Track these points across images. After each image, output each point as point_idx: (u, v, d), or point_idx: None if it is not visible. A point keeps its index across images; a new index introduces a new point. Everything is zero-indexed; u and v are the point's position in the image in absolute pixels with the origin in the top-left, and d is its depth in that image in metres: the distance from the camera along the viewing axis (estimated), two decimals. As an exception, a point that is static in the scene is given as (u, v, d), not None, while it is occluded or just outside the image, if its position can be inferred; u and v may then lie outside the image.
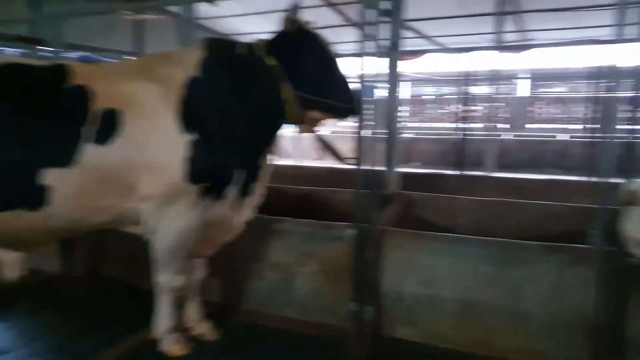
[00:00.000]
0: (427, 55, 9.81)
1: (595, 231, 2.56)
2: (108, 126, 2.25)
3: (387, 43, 3.75)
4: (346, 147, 3.38)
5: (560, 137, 12.08)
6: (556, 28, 8.46)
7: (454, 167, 7.75)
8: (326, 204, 4.02)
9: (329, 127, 12.53)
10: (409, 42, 7.71)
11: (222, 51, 2.60)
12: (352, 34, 2.93)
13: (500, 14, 7.12)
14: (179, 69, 2.47)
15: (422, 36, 7.11)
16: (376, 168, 3.02)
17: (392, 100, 3.92)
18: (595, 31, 7.26)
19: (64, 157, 2.17)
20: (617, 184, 2.48)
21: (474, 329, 2.78)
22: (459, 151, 8.25)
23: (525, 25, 8.82)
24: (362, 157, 2.86)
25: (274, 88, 2.58)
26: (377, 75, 2.90)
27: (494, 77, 8.61)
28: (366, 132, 2.89)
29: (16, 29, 4.68)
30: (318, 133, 2.88)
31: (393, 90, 3.91)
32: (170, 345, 2.69)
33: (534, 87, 21.27)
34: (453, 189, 4.64)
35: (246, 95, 2.55)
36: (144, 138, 2.30)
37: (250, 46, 2.64)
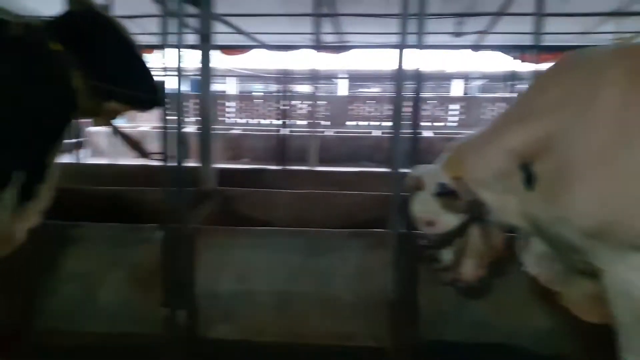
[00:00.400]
0: (253, 52, 9.90)
1: (392, 217, 2.82)
2: None
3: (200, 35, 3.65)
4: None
5: (375, 133, 13.23)
6: (368, 32, 9.25)
7: (278, 163, 7.95)
8: (136, 204, 3.74)
9: (149, 123, 11.82)
10: (234, 38, 7.70)
11: None
12: (169, 24, 2.76)
13: (317, 15, 7.48)
14: None
15: (240, 32, 7.11)
16: (190, 164, 2.90)
17: (206, 94, 3.81)
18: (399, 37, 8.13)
19: None
20: (407, 174, 2.74)
21: (289, 319, 2.84)
22: (283, 147, 8.49)
23: (341, 28, 9.44)
24: (171, 152, 2.71)
25: (60, 76, 2.26)
26: (182, 68, 2.77)
27: (315, 76, 9.05)
28: (175, 127, 2.75)
29: None
30: (122, 127, 2.65)
31: (206, 84, 3.81)
32: None
33: (351, 87, 23.05)
34: (274, 183, 4.71)
35: (22, 83, 2.19)
36: None
37: (27, 27, 2.28)
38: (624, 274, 1.75)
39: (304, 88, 16.60)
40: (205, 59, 3.82)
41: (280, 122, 10.62)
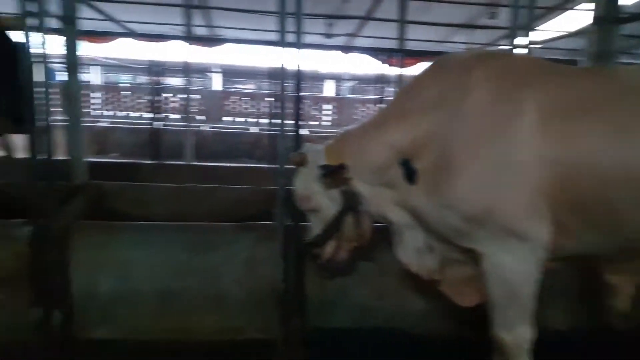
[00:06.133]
0: (121, 41, 9.26)
1: (277, 210, 2.87)
2: None
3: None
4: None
5: (253, 129, 13.22)
6: (241, 28, 9.21)
7: (152, 158, 7.58)
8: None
9: None
10: (96, 24, 7.17)
11: None
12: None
13: (187, 7, 7.28)
14: None
15: (109, 18, 6.66)
16: (60, 158, 2.67)
17: (74, 82, 3.51)
18: (273, 35, 8.28)
19: None
20: (291, 169, 2.78)
21: (174, 317, 2.75)
22: (156, 141, 8.10)
23: (213, 21, 9.27)
24: (37, 146, 2.47)
25: None
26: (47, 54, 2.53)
27: (187, 69, 8.78)
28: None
29: None
30: None
31: (73, 70, 3.51)
32: None
33: (225, 82, 22.68)
34: (149, 178, 4.49)
35: None
36: None
37: None
38: (499, 257, 1.97)
39: (176, 81, 15.96)
40: (71, 45, 3.52)
41: (150, 115, 10.10)
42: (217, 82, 22.01)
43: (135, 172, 4.71)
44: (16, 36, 2.39)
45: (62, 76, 3.51)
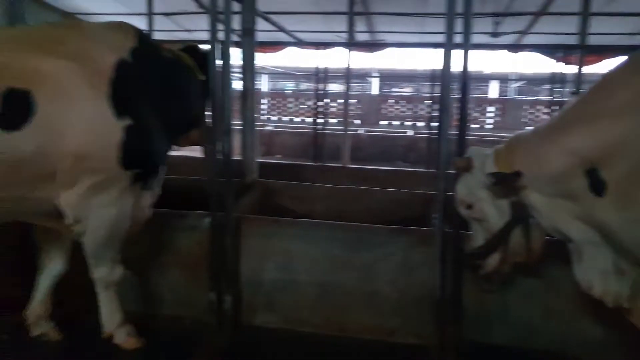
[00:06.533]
0: (286, 50, 9.94)
1: (436, 215, 2.79)
2: (13, 109, 1.90)
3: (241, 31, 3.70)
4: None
5: (409, 133, 13.15)
6: (402, 31, 9.19)
7: (313, 160, 7.98)
8: (183, 192, 3.79)
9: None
10: (266, 35, 7.81)
11: (151, 47, 2.55)
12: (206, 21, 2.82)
13: (351, 14, 7.48)
14: (104, 48, 2.23)
15: (279, 29, 7.16)
16: (235, 158, 2.97)
17: (249, 88, 3.85)
18: (435, 37, 8.08)
19: None
20: (452, 174, 2.69)
21: (330, 310, 2.86)
22: (317, 144, 8.51)
23: (374, 27, 9.41)
24: (217, 145, 2.76)
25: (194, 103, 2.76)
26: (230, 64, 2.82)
27: (349, 75, 9.06)
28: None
29: None
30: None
31: (250, 77, 3.85)
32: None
33: (383, 86, 22.94)
34: (310, 178, 4.75)
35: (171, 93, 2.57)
36: (65, 122, 2.01)
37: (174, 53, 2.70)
38: None
39: (336, 86, 16.63)
40: (249, 54, 3.86)
41: (312, 119, 10.67)
42: (375, 87, 22.37)
43: (298, 172, 5.01)
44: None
45: (237, 84, 3.84)
